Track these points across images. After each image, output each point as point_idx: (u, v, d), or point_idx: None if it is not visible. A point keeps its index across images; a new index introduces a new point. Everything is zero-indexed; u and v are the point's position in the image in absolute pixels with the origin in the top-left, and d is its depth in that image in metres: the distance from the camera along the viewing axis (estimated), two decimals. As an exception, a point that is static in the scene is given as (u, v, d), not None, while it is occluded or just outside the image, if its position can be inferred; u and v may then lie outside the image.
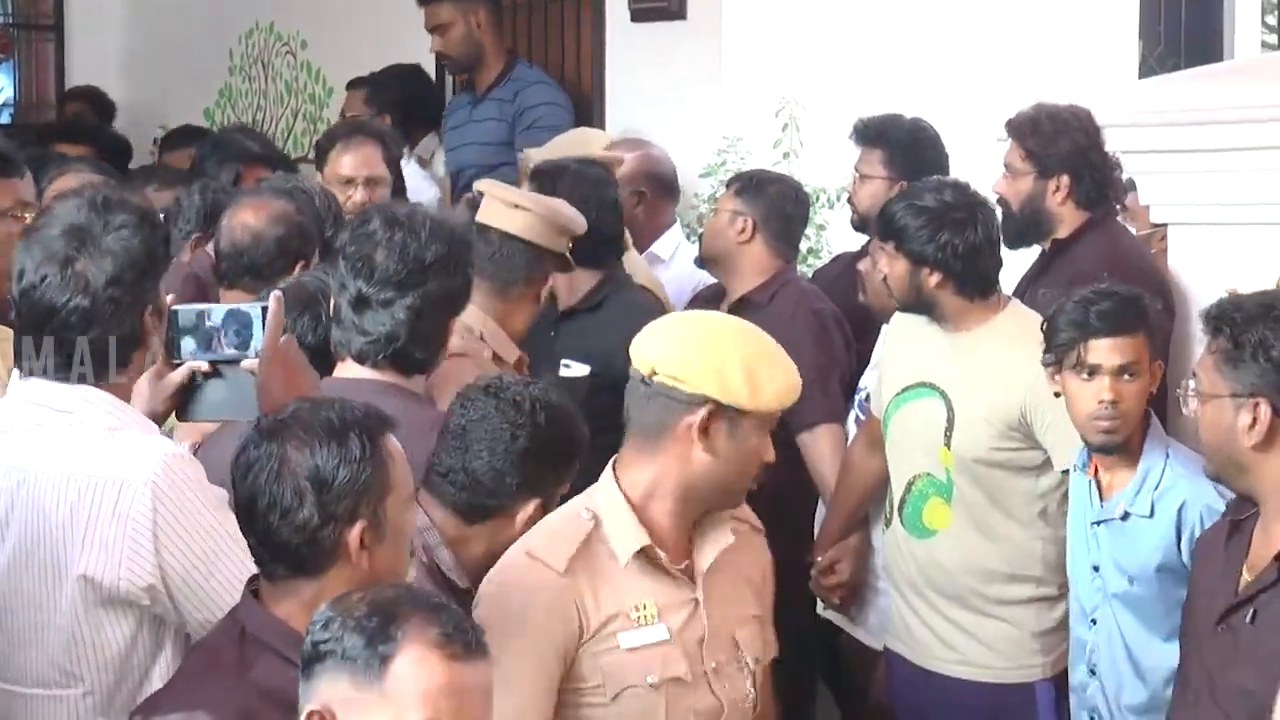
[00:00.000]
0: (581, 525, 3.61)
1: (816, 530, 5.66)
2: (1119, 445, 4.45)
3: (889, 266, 5.08)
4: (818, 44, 7.40)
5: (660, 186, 6.78)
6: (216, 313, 3.68)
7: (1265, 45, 8.77)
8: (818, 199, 6.82)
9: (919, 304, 5.07)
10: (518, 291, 5.02)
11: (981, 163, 6.02)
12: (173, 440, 3.65)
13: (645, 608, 3.59)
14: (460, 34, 7.87)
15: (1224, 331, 3.71)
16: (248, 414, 3.52)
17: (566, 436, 3.86)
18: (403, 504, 3.21)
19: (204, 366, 3.65)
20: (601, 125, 7.66)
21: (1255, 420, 3.65)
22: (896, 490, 5.15)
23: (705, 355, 3.56)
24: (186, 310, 3.68)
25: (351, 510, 3.11)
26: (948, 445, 4.99)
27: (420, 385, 3.98)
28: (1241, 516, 3.82)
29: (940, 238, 4.97)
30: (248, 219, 4.97)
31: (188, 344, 3.66)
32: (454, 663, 2.75)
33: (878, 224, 5.24)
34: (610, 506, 3.64)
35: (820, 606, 5.66)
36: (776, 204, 5.97)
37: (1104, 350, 4.40)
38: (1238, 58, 8.37)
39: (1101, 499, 4.50)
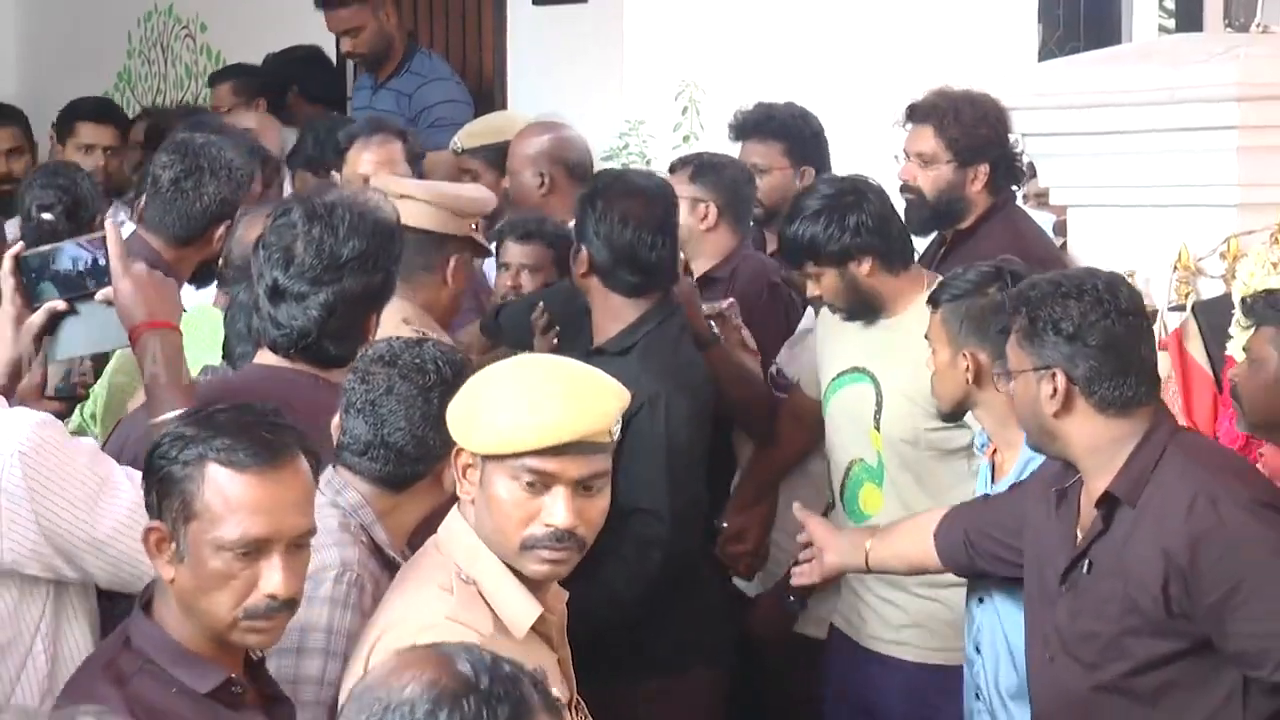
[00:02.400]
0: (469, 590, 3.25)
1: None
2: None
3: (819, 285, 5.06)
4: (718, 28, 7.41)
5: (568, 171, 6.74)
6: (63, 253, 3.71)
7: (1163, 29, 8.82)
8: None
9: (861, 303, 5.05)
10: (423, 279, 4.96)
11: (881, 147, 6.05)
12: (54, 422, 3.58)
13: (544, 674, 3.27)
14: (372, 32, 7.80)
15: (1022, 311, 3.94)
16: (111, 343, 3.66)
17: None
18: (211, 544, 3.03)
19: (61, 305, 3.69)
20: (503, 108, 7.64)
21: (1055, 389, 3.88)
22: (835, 476, 5.16)
23: (457, 403, 3.32)
24: (34, 255, 3.72)
25: (157, 506, 3.07)
26: (877, 427, 5.01)
27: (340, 376, 3.92)
28: (1065, 484, 4.04)
29: (848, 222, 4.97)
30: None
31: (45, 288, 3.70)
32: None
33: (786, 254, 5.21)
34: (488, 571, 3.27)
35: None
36: (733, 187, 5.94)
37: None
38: (1135, 41, 8.42)
39: (993, 480, 4.54)
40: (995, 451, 4.56)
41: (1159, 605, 3.80)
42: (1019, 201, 6.04)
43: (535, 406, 3.17)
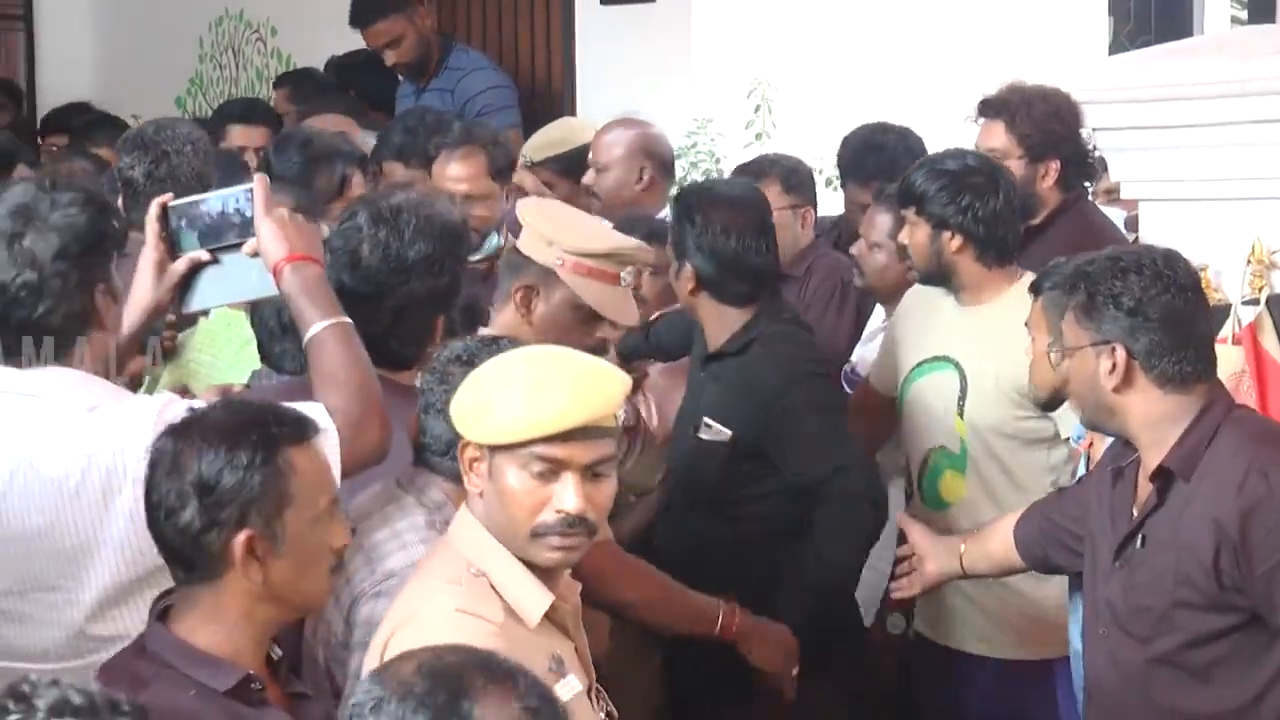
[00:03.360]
0: (479, 582, 3.26)
1: None
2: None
3: (910, 234, 5.09)
4: (788, 24, 7.41)
5: (662, 165, 6.73)
6: (210, 203, 3.76)
7: (1235, 20, 8.77)
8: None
9: (938, 271, 5.07)
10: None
11: (954, 141, 6.03)
12: (185, 399, 3.60)
13: (561, 661, 3.30)
14: (412, 40, 7.84)
15: (1080, 288, 3.94)
16: (252, 293, 3.70)
17: None
18: (309, 520, 3.10)
19: (205, 256, 3.74)
20: (571, 110, 7.66)
21: (1114, 364, 3.87)
22: (914, 466, 5.17)
23: (461, 397, 3.29)
24: (181, 205, 3.76)
25: (238, 518, 3.04)
26: (961, 415, 5.01)
27: (410, 378, 3.93)
28: (1124, 463, 4.03)
29: (961, 200, 5.00)
30: None
31: (188, 239, 3.75)
32: None
33: (898, 192, 5.22)
34: (497, 563, 3.28)
35: None
36: (811, 186, 5.99)
37: None
38: (1207, 33, 8.37)
39: (1088, 470, 4.55)
40: (1090, 444, 4.55)
41: (1210, 578, 3.80)
42: (1090, 198, 6.02)
43: (541, 394, 3.18)
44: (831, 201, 7.01)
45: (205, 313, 4.38)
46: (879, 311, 5.89)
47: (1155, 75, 5.28)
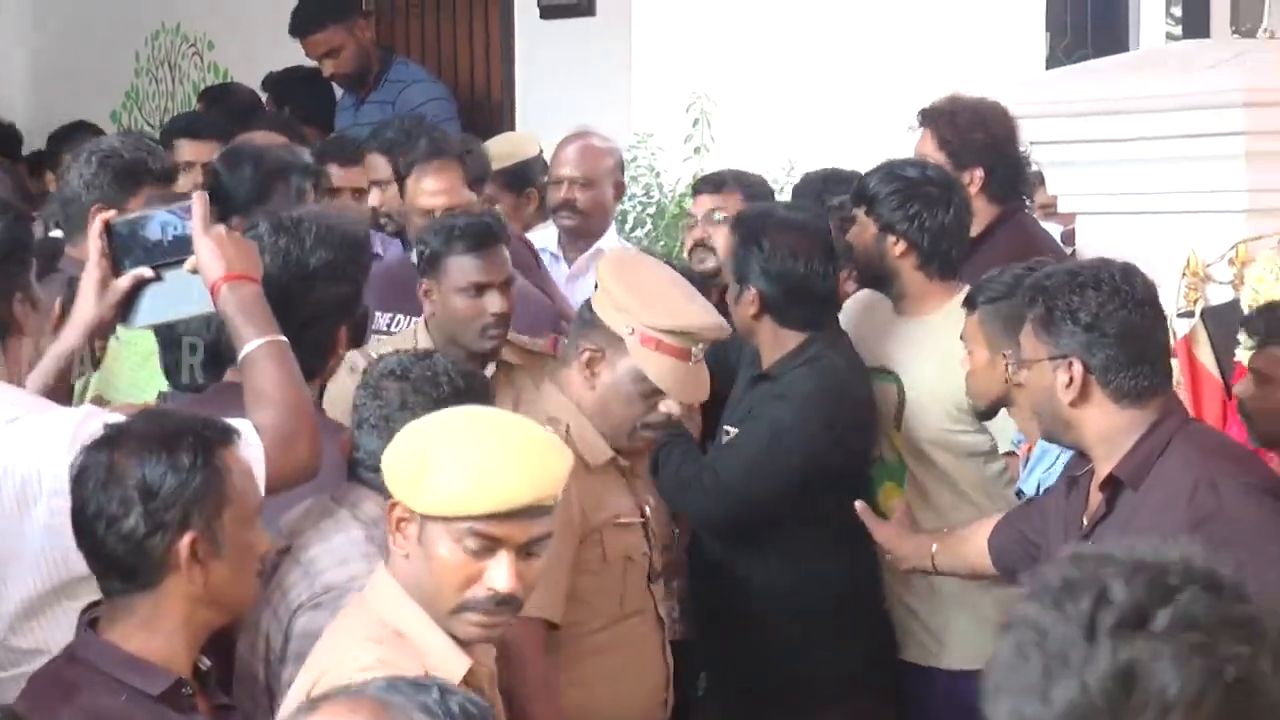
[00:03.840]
0: (398, 640, 3.16)
1: None
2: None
3: (857, 232, 5.11)
4: (727, 39, 7.42)
5: (620, 177, 6.74)
6: (152, 221, 3.76)
7: (1170, 36, 8.82)
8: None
9: (879, 274, 5.09)
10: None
11: (888, 155, 6.05)
12: (102, 412, 3.58)
13: None
14: (351, 52, 7.83)
15: (1039, 301, 3.94)
16: (194, 308, 3.69)
17: (483, 395, 3.89)
18: (244, 520, 3.13)
19: (148, 273, 3.74)
20: (511, 125, 7.66)
21: (1071, 378, 3.89)
22: None
23: (396, 457, 3.15)
24: (123, 222, 3.77)
25: (181, 520, 3.04)
26: (898, 427, 5.01)
27: (314, 388, 3.90)
28: (1078, 473, 4.06)
29: (911, 208, 5.01)
30: None
31: (131, 254, 3.74)
32: None
33: (852, 191, 5.24)
34: (416, 627, 3.18)
35: None
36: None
37: None
38: (1143, 48, 8.42)
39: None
40: (1030, 448, 4.58)
41: None
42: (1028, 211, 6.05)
43: (487, 470, 3.06)
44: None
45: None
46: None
47: (1091, 90, 5.31)
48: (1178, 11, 8.92)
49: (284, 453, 3.45)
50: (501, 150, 6.70)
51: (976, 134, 5.54)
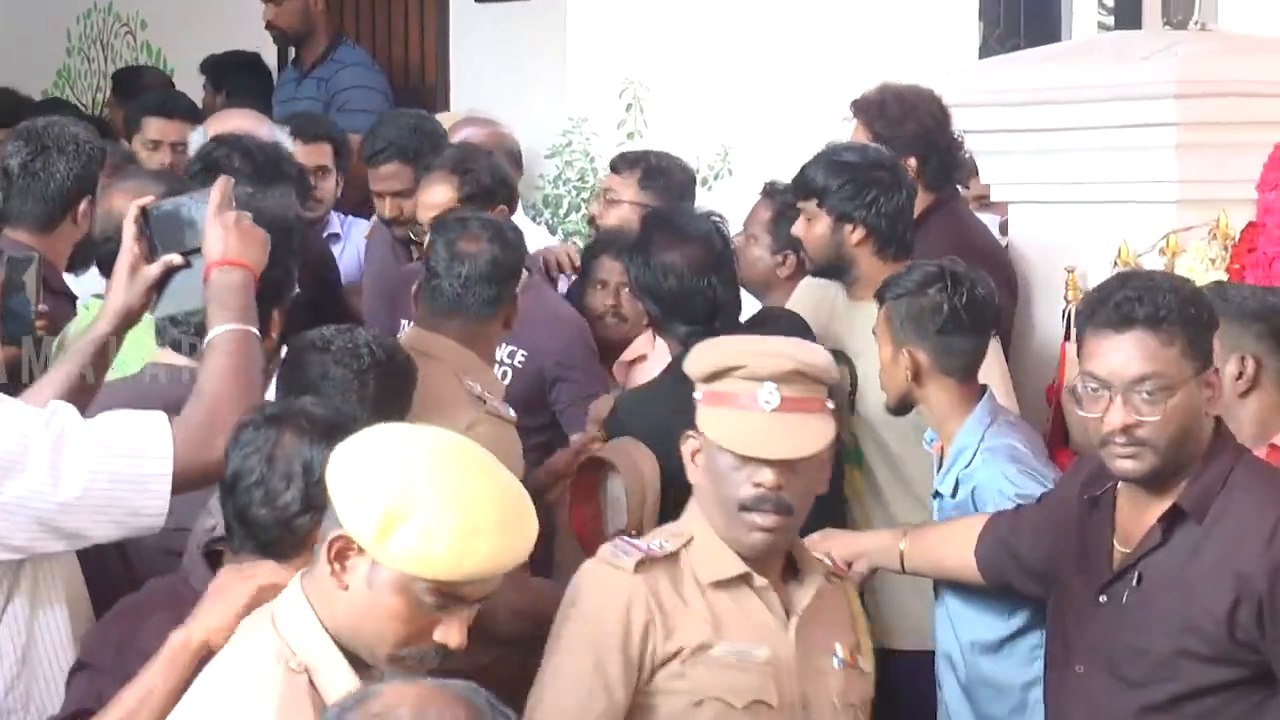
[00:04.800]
0: (297, 683, 2.88)
1: None
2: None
3: (806, 227, 5.07)
4: (662, 25, 7.42)
5: (516, 164, 6.74)
6: (186, 206, 3.70)
7: (1102, 26, 8.86)
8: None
9: (836, 264, 5.06)
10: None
11: (820, 143, 6.06)
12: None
13: None
14: (295, 8, 7.85)
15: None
16: (195, 302, 3.61)
17: (406, 369, 3.88)
18: None
19: (177, 260, 3.67)
20: (446, 107, 7.64)
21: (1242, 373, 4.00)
22: None
23: (361, 492, 2.82)
24: (158, 208, 3.71)
25: (321, 506, 3.01)
26: (853, 410, 4.99)
27: None
28: (1098, 492, 3.87)
29: (867, 195, 5.00)
30: (118, 205, 4.82)
31: (164, 241, 3.68)
32: None
33: (794, 183, 5.19)
34: (327, 662, 2.92)
35: None
36: (680, 191, 6.00)
37: None
38: (1075, 38, 8.46)
39: (938, 470, 4.57)
40: (941, 448, 4.57)
41: (1222, 628, 3.64)
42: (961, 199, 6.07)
43: (467, 538, 2.77)
44: (702, 201, 7.02)
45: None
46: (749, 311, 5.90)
47: (1024, 79, 5.34)
48: (1110, 2, 8.97)
49: (195, 449, 3.36)
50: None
51: (908, 124, 5.54)
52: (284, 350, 4.04)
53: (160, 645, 3.12)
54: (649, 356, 5.47)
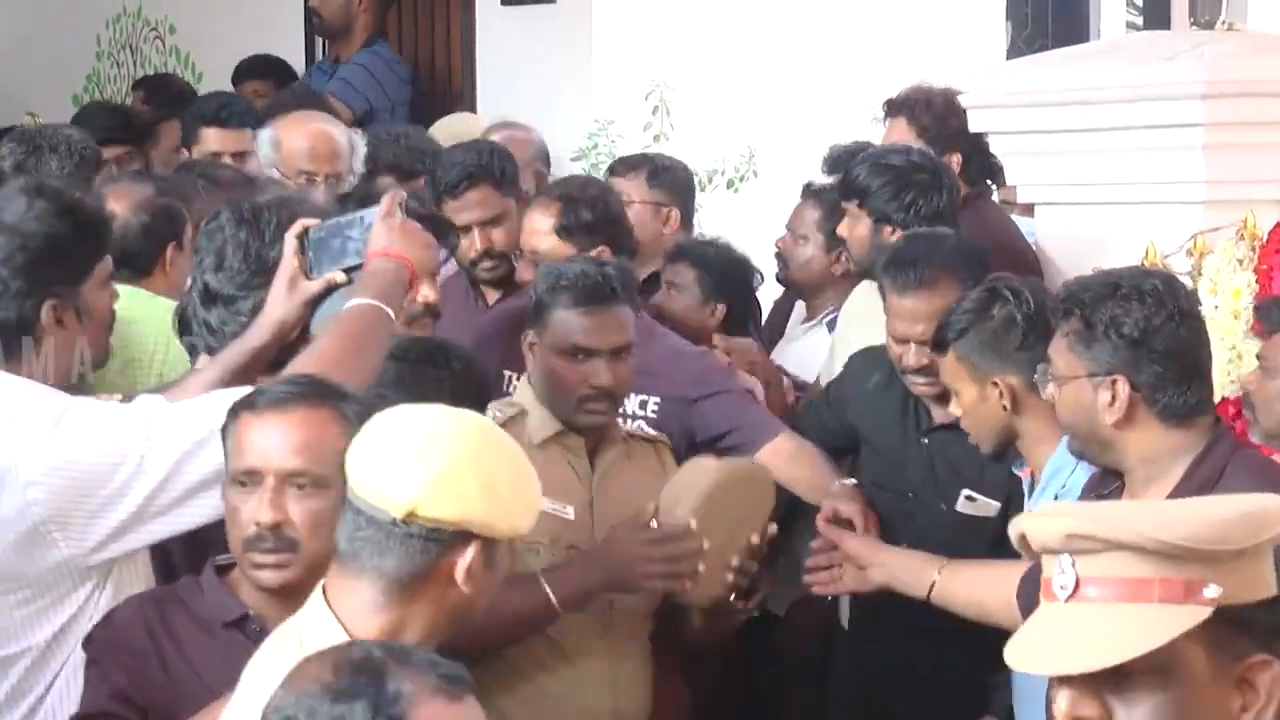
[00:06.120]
0: None
1: None
2: None
3: (850, 227, 5.07)
4: (688, 27, 7.41)
5: (548, 167, 6.73)
6: (348, 223, 3.73)
7: (1130, 26, 8.83)
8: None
9: (875, 265, 4.99)
10: None
11: (854, 141, 6.06)
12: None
13: None
14: (340, 1, 7.86)
15: (1074, 313, 3.69)
16: None
17: (480, 378, 3.91)
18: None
19: (340, 278, 3.70)
20: (472, 110, 7.64)
21: (1115, 397, 3.65)
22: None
23: (472, 485, 2.91)
24: (320, 227, 3.73)
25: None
26: None
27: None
28: (1106, 491, 3.81)
29: (906, 196, 4.98)
30: (111, 208, 4.84)
31: (324, 259, 3.70)
32: (461, 703, 2.38)
33: (839, 185, 5.20)
34: None
35: None
36: (685, 190, 5.96)
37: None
38: (1103, 39, 8.44)
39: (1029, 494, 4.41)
40: (1032, 472, 4.37)
41: None
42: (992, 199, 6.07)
43: (534, 481, 3.04)
44: (727, 203, 7.03)
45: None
46: (799, 311, 5.89)
47: (1051, 79, 5.33)
48: (1139, 2, 8.95)
49: None
50: (447, 132, 6.68)
51: (953, 119, 5.55)
52: None
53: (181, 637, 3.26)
54: None
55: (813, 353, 5.52)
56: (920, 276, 4.51)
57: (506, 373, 4.83)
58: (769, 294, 6.01)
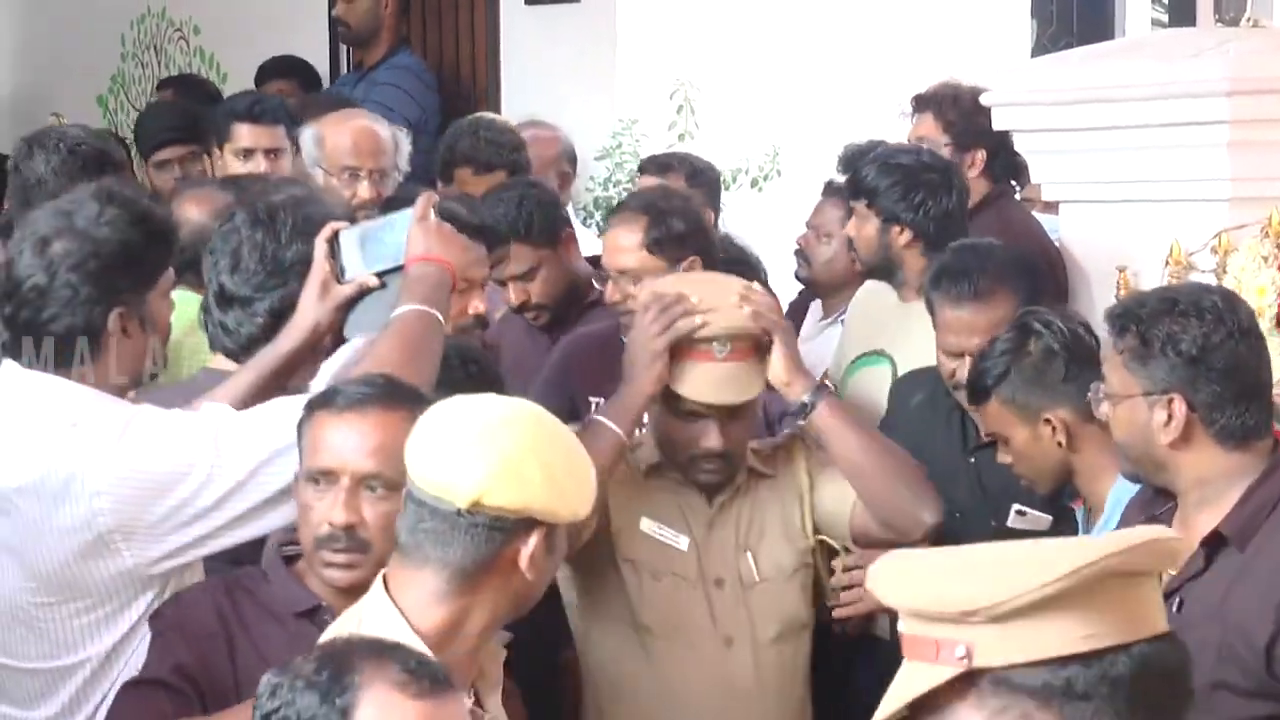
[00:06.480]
0: None
1: None
2: None
3: (857, 227, 5.06)
4: (712, 25, 7.41)
5: (573, 167, 6.73)
6: (380, 226, 3.74)
7: (1156, 23, 8.82)
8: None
9: (884, 264, 5.04)
10: None
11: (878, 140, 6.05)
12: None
13: None
14: (366, 6, 7.86)
15: (1130, 329, 3.59)
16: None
17: (495, 378, 3.95)
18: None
19: (373, 281, 3.70)
20: (496, 109, 7.63)
21: (1171, 417, 3.55)
22: None
23: (534, 471, 2.96)
24: (351, 229, 3.73)
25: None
26: None
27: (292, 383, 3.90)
28: (1158, 512, 3.71)
29: (914, 197, 4.98)
30: (190, 213, 4.84)
31: (355, 262, 3.70)
32: (420, 701, 2.48)
33: (848, 184, 5.20)
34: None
35: None
36: (717, 189, 5.97)
37: None
38: (1128, 36, 8.42)
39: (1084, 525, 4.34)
40: (1083, 503, 4.32)
41: (1259, 659, 3.43)
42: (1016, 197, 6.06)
43: (590, 466, 3.12)
44: (752, 202, 7.03)
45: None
46: (815, 309, 5.89)
47: (1075, 77, 5.31)
48: (1164, -1, 8.93)
49: None
50: None
51: (980, 116, 5.54)
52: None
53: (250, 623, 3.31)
54: None
55: (830, 351, 5.53)
56: (976, 288, 4.46)
57: (592, 400, 4.66)
58: (785, 294, 5.99)
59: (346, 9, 7.96)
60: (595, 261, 5.34)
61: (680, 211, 4.88)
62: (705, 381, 4.07)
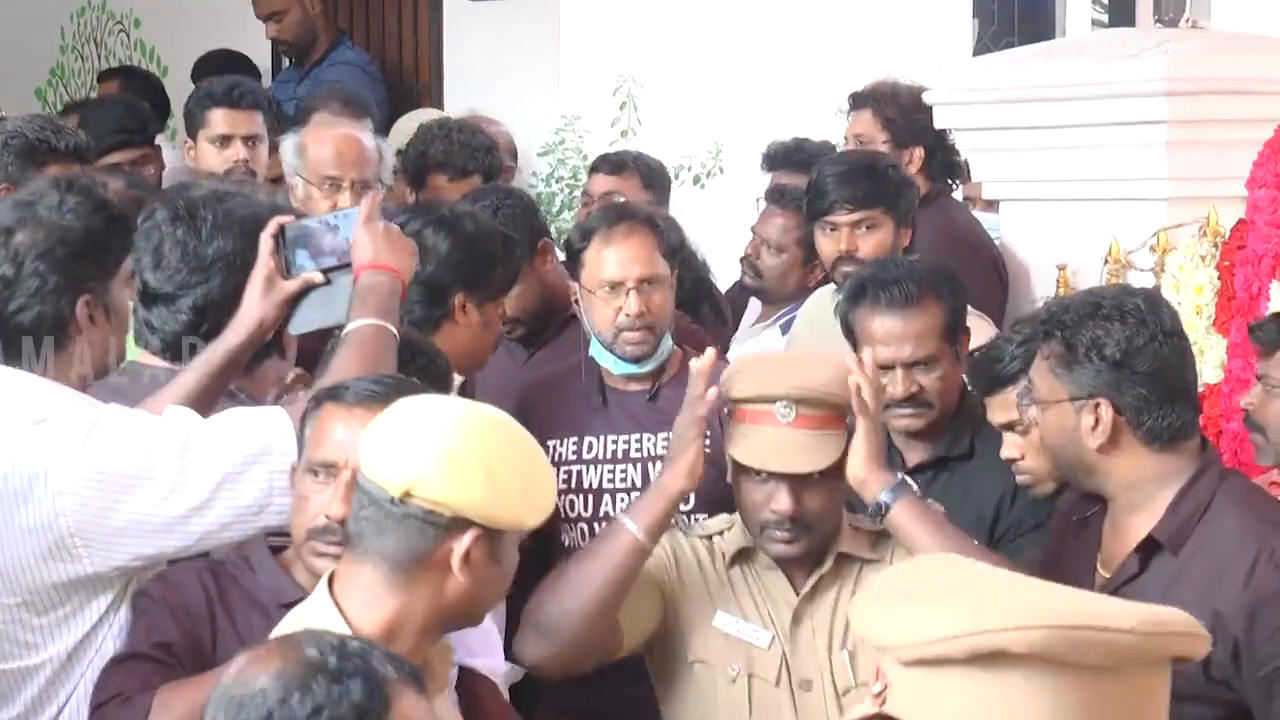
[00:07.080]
0: None
1: None
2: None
3: (866, 237, 4.92)
4: (655, 22, 7.42)
5: (515, 162, 6.72)
6: (325, 223, 3.72)
7: (1096, 23, 8.87)
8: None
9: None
10: None
11: (817, 138, 6.08)
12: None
13: None
14: (295, 19, 7.85)
15: (1055, 335, 3.57)
16: (338, 318, 3.60)
17: (443, 372, 3.92)
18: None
19: (318, 277, 3.67)
20: (440, 105, 7.64)
21: (1098, 421, 3.53)
22: None
23: (473, 470, 2.91)
24: (296, 225, 3.71)
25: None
26: None
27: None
28: (1088, 513, 3.71)
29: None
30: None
31: (300, 257, 3.69)
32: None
33: (804, 205, 5.10)
34: None
35: None
36: (668, 189, 5.95)
37: None
38: (1069, 36, 8.47)
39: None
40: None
41: (1197, 666, 3.20)
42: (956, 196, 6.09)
43: (549, 474, 3.09)
44: (694, 199, 7.04)
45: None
46: (754, 307, 5.85)
47: (1016, 76, 5.34)
48: (1104, 0, 8.98)
49: None
50: (408, 129, 6.65)
51: (919, 114, 5.56)
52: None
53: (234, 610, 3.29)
54: None
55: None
56: (907, 294, 4.27)
57: (549, 443, 4.40)
58: (727, 291, 5.99)
59: (278, 29, 7.93)
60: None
61: (669, 224, 4.65)
62: (764, 445, 3.62)
